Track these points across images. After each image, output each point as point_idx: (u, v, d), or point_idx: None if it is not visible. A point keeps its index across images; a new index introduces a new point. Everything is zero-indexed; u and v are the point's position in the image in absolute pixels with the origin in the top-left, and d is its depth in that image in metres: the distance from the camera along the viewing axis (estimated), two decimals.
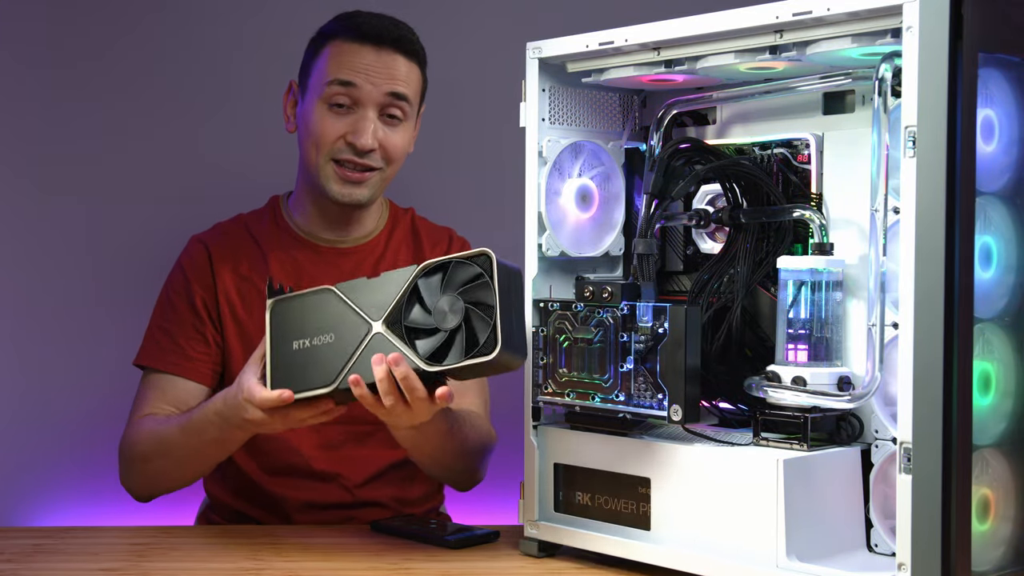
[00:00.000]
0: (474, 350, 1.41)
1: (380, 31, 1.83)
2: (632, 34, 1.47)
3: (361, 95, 1.81)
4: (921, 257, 1.22)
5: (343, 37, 1.83)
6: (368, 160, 1.83)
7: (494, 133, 2.06)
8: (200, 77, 2.36)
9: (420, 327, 1.44)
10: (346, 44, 1.82)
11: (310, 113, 1.83)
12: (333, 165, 1.83)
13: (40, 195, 2.34)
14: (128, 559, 1.55)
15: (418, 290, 1.45)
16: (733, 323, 1.50)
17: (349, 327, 1.48)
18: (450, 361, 1.42)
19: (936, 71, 1.22)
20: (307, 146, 1.85)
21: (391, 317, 1.46)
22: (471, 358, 1.40)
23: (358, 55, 1.82)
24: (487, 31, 2.42)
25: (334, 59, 1.82)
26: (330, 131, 1.82)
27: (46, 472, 2.32)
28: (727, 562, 1.37)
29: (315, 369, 1.49)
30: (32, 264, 2.34)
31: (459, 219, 2.10)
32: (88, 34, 2.34)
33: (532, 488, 1.56)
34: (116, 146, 2.36)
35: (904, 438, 1.23)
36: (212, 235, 1.92)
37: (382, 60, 1.82)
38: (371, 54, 1.82)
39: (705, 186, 1.57)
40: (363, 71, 1.81)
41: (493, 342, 1.39)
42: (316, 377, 1.49)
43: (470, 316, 1.42)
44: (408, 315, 1.45)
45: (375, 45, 1.82)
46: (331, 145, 1.82)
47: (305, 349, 1.50)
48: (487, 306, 1.41)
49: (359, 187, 1.84)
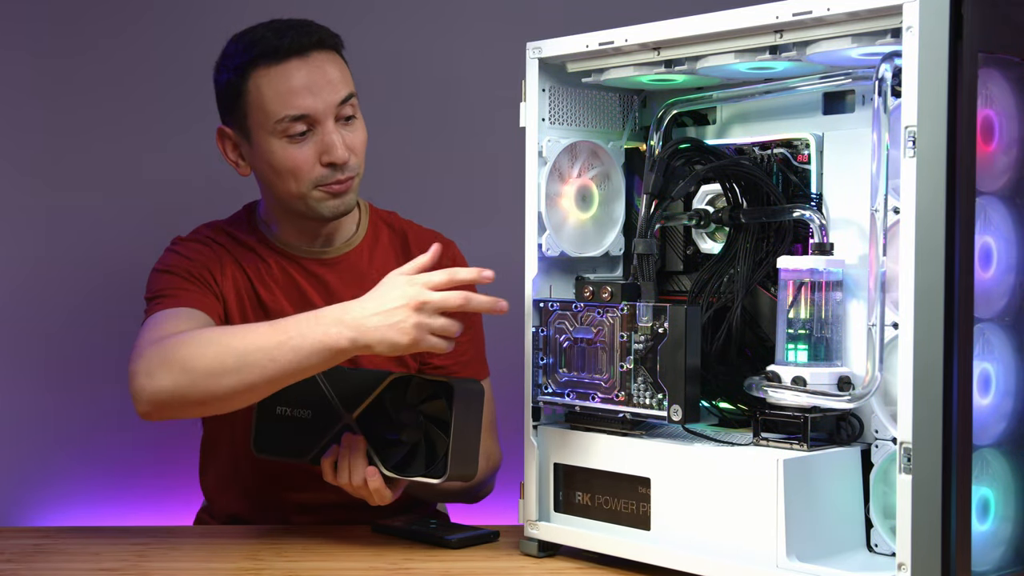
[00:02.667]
0: (431, 466, 1.56)
1: (299, 40, 1.74)
2: (632, 34, 1.47)
3: (316, 117, 1.74)
4: (921, 257, 1.22)
5: (263, 63, 1.74)
6: (347, 172, 1.77)
7: (494, 133, 2.06)
8: (201, 78, 2.36)
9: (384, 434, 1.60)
10: (270, 68, 1.73)
11: (268, 152, 1.76)
12: (320, 190, 1.77)
13: (41, 196, 2.34)
14: (128, 559, 1.55)
15: (385, 395, 1.60)
16: (733, 323, 1.50)
17: (324, 410, 1.63)
18: (408, 473, 1.58)
19: (936, 71, 1.22)
20: (279, 183, 1.77)
21: (362, 414, 1.61)
22: (425, 476, 1.56)
23: (289, 77, 1.73)
24: (487, 31, 2.42)
25: (268, 91, 1.73)
26: (302, 161, 1.74)
27: (46, 472, 2.32)
28: (727, 562, 1.37)
29: (293, 438, 1.65)
30: (32, 264, 2.34)
31: (459, 219, 2.10)
32: (85, 33, 2.34)
33: (532, 488, 1.56)
34: (117, 146, 2.36)
35: (904, 438, 1.23)
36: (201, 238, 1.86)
37: (314, 70, 1.74)
38: (302, 69, 1.73)
39: (705, 186, 1.57)
40: (304, 92, 1.73)
41: (444, 467, 1.54)
42: (293, 446, 1.65)
43: (429, 432, 1.57)
44: (376, 418, 1.60)
45: (300, 57, 1.74)
46: (310, 174, 1.75)
47: (287, 416, 1.66)
48: (445, 424, 1.55)
49: (346, 196, 1.79)
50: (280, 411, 1.66)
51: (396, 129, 1.99)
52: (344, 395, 1.62)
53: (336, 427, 1.62)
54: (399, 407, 1.59)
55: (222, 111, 1.83)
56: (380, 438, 1.60)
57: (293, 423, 1.65)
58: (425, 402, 1.58)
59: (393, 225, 1.95)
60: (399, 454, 1.59)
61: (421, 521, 1.72)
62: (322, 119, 1.74)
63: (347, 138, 1.77)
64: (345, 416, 1.61)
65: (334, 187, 1.78)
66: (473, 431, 1.58)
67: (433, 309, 1.49)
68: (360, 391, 1.61)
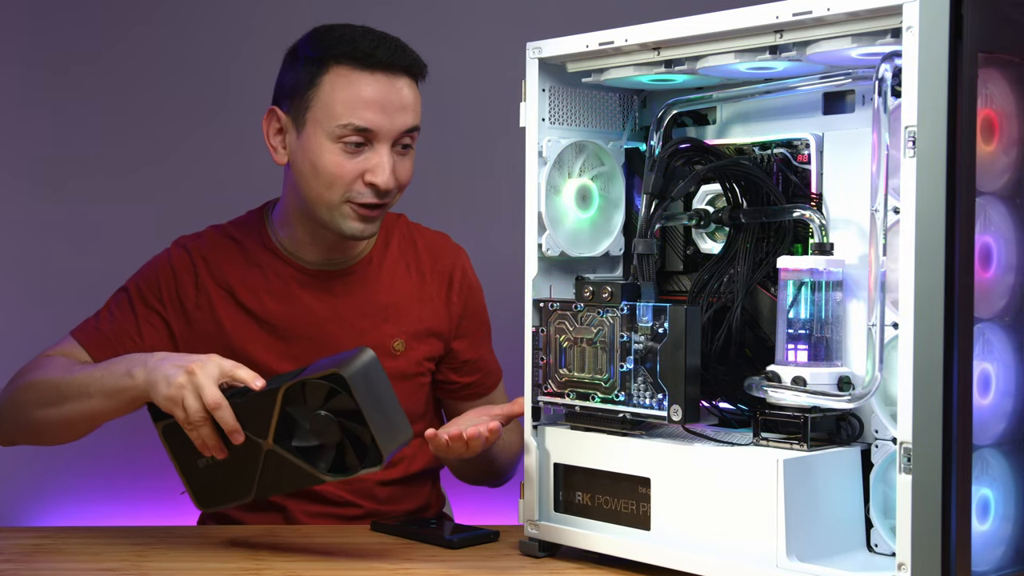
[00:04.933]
0: (365, 458, 1.50)
1: (392, 57, 1.73)
2: (632, 34, 1.47)
3: (379, 134, 1.72)
4: (921, 257, 1.22)
5: (348, 63, 1.72)
6: (384, 198, 1.75)
7: (493, 133, 2.06)
8: (201, 78, 2.36)
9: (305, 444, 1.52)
10: (355, 72, 1.72)
11: (316, 150, 1.73)
12: (350, 206, 1.74)
13: (42, 197, 2.34)
14: (128, 559, 1.55)
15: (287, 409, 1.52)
16: (733, 323, 1.50)
17: (240, 446, 1.53)
18: (348, 473, 1.52)
19: (936, 71, 1.22)
20: (314, 184, 1.74)
21: (275, 435, 1.52)
22: (366, 469, 1.50)
23: (369, 87, 1.71)
24: (487, 31, 2.42)
25: (344, 92, 1.71)
26: (347, 173, 1.72)
27: (46, 472, 2.32)
28: (727, 562, 1.37)
29: (229, 483, 1.56)
30: (33, 266, 2.34)
31: (459, 219, 2.10)
32: (87, 36, 2.35)
33: (532, 488, 1.56)
34: (117, 147, 2.36)
35: (904, 438, 1.23)
36: (200, 243, 1.86)
37: (394, 91, 1.72)
38: (383, 85, 1.72)
39: (705, 186, 1.57)
40: (377, 107, 1.71)
41: (377, 454, 1.49)
42: (233, 490, 1.57)
43: (347, 427, 1.50)
44: (290, 432, 1.52)
45: (386, 73, 1.72)
46: (348, 187, 1.72)
47: (212, 465, 1.56)
48: (357, 413, 1.49)
49: (375, 222, 1.77)
50: (201, 463, 1.56)
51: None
52: (249, 424, 1.52)
53: (261, 456, 1.53)
54: (305, 415, 1.51)
55: (282, 94, 1.79)
56: (304, 450, 1.52)
57: (220, 469, 1.55)
58: (327, 401, 1.50)
59: (402, 230, 1.94)
60: (329, 457, 1.51)
61: (421, 521, 1.72)
62: (382, 139, 1.73)
63: (397, 166, 1.75)
64: (262, 443, 1.53)
65: (364, 211, 1.75)
66: (384, 396, 1.52)
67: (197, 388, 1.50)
68: (261, 414, 1.52)
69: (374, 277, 1.87)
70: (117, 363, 1.62)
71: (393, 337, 1.85)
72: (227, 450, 1.53)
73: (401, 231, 1.93)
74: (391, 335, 1.85)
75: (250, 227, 1.87)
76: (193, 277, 1.82)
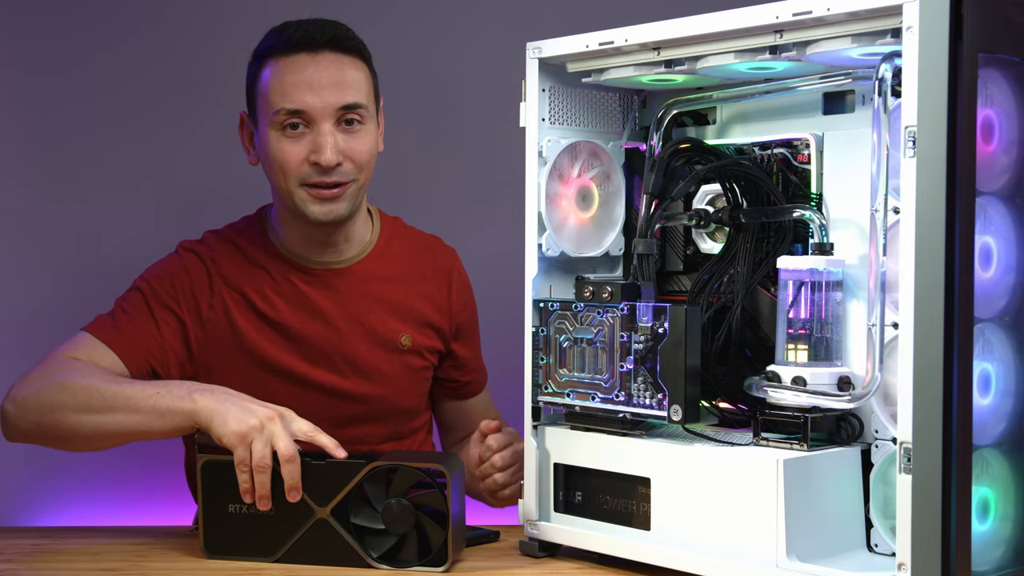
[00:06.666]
0: (427, 555, 1.47)
1: (312, 35, 1.74)
2: (632, 34, 1.47)
3: (313, 114, 1.73)
4: (921, 257, 1.22)
5: (276, 53, 1.75)
6: (336, 176, 1.75)
7: (493, 133, 2.06)
8: (201, 79, 2.36)
9: (366, 525, 1.48)
10: (281, 59, 1.74)
11: (267, 143, 1.76)
12: (305, 189, 1.76)
13: (42, 198, 2.34)
14: (128, 559, 1.55)
15: (363, 484, 1.48)
16: (733, 323, 1.50)
17: (291, 504, 1.48)
18: (402, 565, 1.47)
19: (936, 71, 1.22)
20: (274, 176, 1.78)
21: (337, 507, 1.48)
22: (424, 567, 1.47)
23: (295, 68, 1.73)
24: (487, 31, 2.42)
25: (275, 80, 1.74)
26: (292, 156, 1.74)
27: (46, 472, 2.32)
28: (727, 562, 1.37)
29: (255, 537, 1.51)
30: (33, 266, 2.34)
31: (459, 219, 2.10)
32: (87, 38, 2.35)
33: (532, 488, 1.56)
34: (117, 148, 2.36)
35: (904, 438, 1.23)
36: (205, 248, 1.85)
37: (320, 68, 1.74)
38: (309, 63, 1.73)
39: (705, 186, 1.57)
40: (304, 88, 1.73)
41: (444, 556, 1.46)
42: (256, 545, 1.51)
43: (420, 521, 1.47)
44: (356, 511, 1.48)
45: (310, 52, 1.74)
46: (297, 170, 1.74)
47: (242, 515, 1.51)
48: (440, 513, 1.46)
49: (336, 203, 1.77)
50: (232, 508, 1.51)
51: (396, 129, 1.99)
52: (309, 487, 1.48)
53: (308, 522, 1.48)
54: (380, 497, 1.48)
55: (247, 98, 1.84)
56: (360, 529, 1.48)
57: (252, 520, 1.50)
58: (412, 489, 1.47)
59: (400, 231, 1.95)
60: (386, 545, 1.48)
61: None
62: (318, 118, 1.74)
63: (345, 143, 1.76)
64: (317, 510, 1.48)
65: (322, 191, 1.76)
66: (462, 504, 1.51)
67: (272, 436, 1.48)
68: (328, 482, 1.48)
69: (378, 274, 1.89)
70: (176, 384, 1.59)
71: (400, 332, 1.88)
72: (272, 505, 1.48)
73: (400, 232, 1.95)
74: (398, 330, 1.88)
75: (250, 231, 1.88)
76: (207, 279, 1.82)
